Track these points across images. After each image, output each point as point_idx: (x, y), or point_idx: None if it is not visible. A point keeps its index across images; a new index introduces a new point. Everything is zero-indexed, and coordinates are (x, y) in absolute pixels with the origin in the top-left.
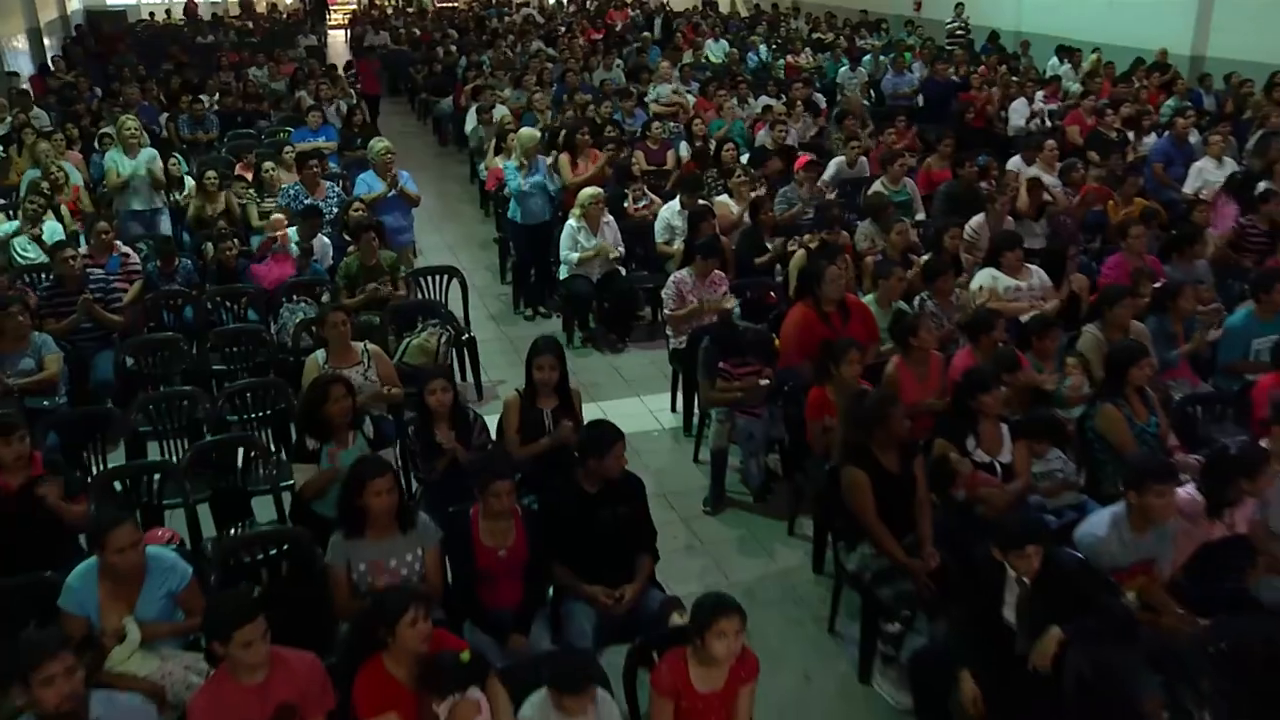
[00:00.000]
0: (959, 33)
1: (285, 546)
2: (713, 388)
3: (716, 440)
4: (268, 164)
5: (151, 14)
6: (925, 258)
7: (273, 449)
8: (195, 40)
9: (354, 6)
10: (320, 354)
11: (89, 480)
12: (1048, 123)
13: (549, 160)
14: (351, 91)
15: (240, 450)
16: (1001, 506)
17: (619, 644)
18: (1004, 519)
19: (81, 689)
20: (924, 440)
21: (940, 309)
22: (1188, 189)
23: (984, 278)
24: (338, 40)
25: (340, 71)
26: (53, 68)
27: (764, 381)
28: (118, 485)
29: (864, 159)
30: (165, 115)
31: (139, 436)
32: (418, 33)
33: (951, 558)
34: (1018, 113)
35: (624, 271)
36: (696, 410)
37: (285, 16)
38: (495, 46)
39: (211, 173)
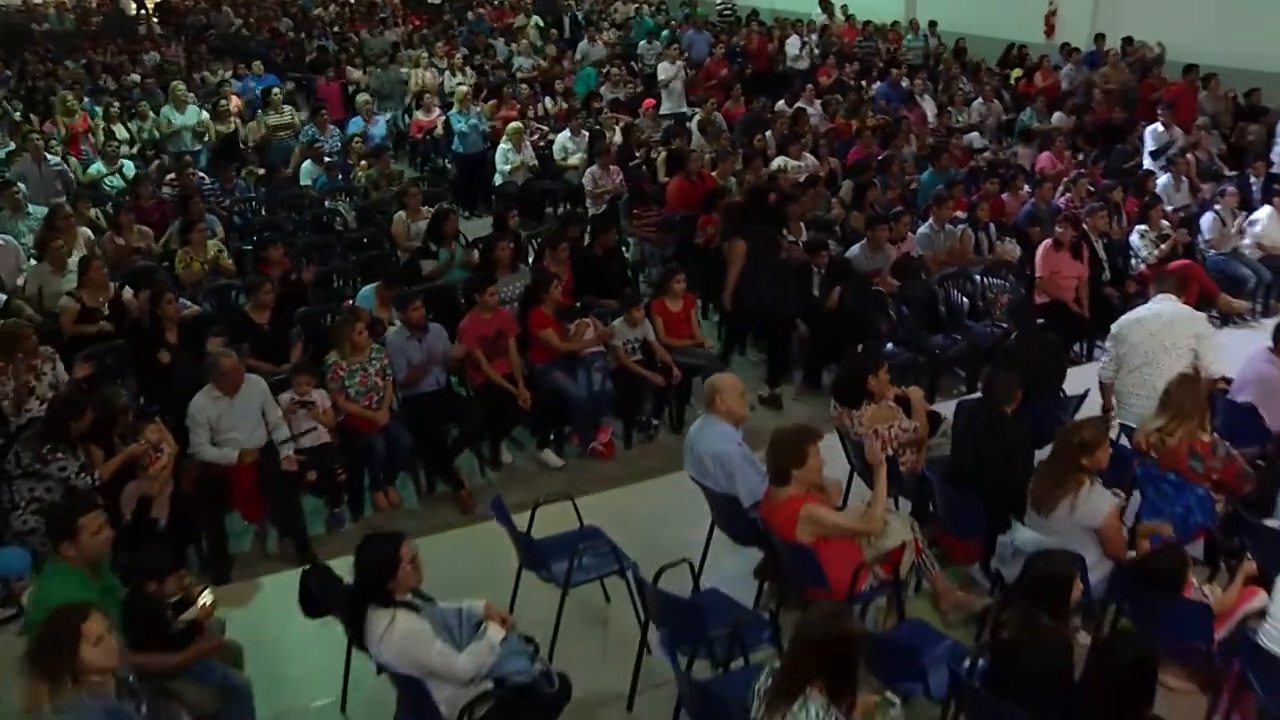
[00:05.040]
0: (725, 12)
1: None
2: (630, 222)
3: (634, 256)
4: (275, 89)
5: None
6: (743, 151)
7: None
8: (30, 27)
9: None
10: (401, 214)
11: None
12: (816, 51)
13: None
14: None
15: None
16: (798, 255)
17: None
18: (807, 239)
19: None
20: None
21: (754, 177)
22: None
23: (779, 161)
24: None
25: None
26: None
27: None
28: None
29: None
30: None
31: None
32: (254, 20)
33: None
34: (793, 45)
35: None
36: None
37: (97, 6)
38: (342, 31)
39: (223, 101)
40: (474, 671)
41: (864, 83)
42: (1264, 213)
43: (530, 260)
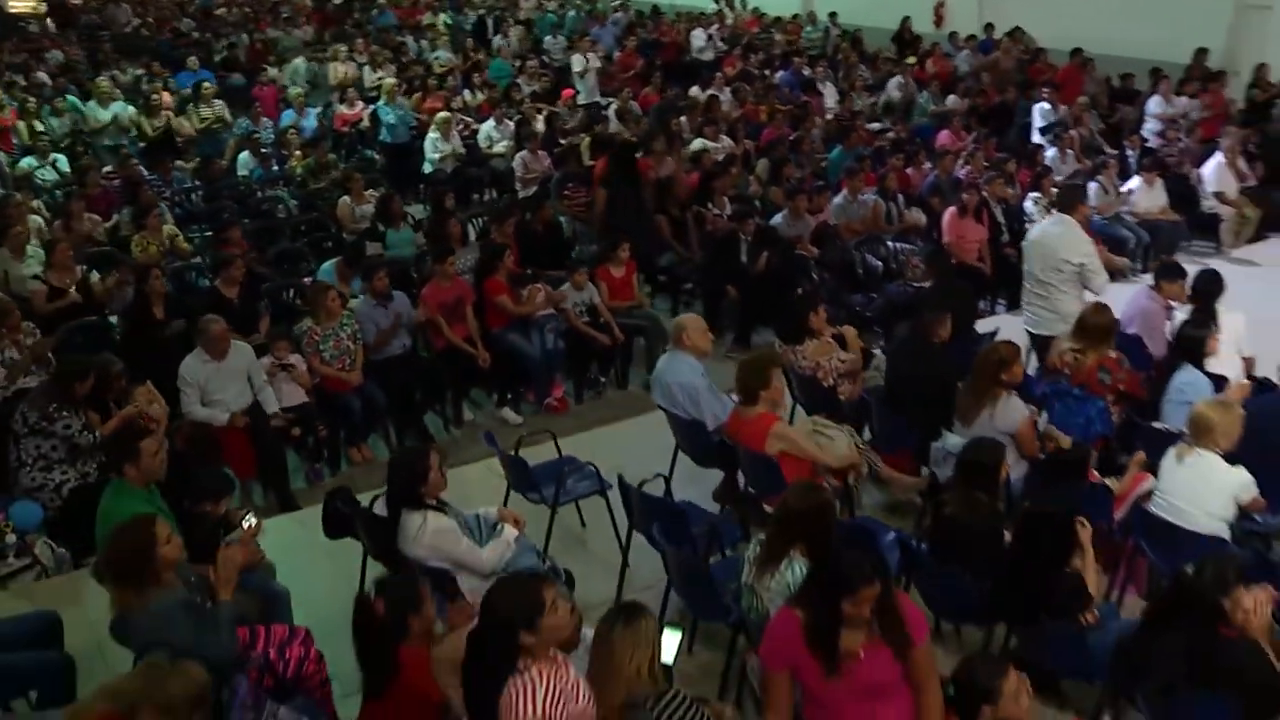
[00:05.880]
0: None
1: None
2: (561, 202)
3: (566, 233)
4: (205, 83)
5: None
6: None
7: None
8: None
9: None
10: (346, 199)
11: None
12: (720, 44)
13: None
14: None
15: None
16: (723, 225)
17: None
18: (735, 208)
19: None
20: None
21: (676, 158)
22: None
23: (697, 144)
24: None
25: None
26: None
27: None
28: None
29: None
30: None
31: None
32: (152, 20)
33: (713, 248)
34: (698, 37)
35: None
36: None
37: None
38: (249, 29)
39: (155, 96)
40: (495, 564)
41: (767, 72)
42: (1134, 183)
43: (472, 238)
